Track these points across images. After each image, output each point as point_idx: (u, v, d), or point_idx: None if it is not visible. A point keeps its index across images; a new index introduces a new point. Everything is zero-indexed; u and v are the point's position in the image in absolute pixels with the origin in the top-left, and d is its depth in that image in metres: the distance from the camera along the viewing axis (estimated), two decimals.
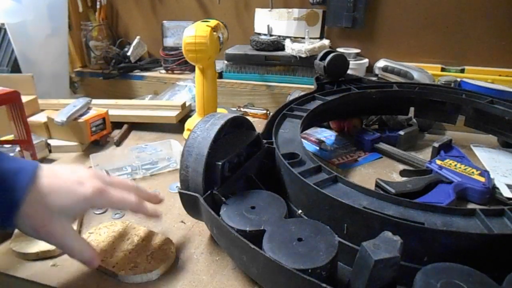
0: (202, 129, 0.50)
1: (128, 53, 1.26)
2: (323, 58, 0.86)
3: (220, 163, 0.48)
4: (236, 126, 0.58)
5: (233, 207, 0.47)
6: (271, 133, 0.62)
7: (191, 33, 0.76)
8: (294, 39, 1.12)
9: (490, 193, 0.63)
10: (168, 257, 0.49)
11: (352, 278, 0.38)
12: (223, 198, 0.48)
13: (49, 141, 0.82)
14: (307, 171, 0.51)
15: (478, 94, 0.78)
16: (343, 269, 0.43)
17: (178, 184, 0.51)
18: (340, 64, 0.87)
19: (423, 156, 0.79)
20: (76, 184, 0.42)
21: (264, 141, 0.59)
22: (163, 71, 1.25)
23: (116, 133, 0.92)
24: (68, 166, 0.47)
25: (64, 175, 0.43)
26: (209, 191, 0.48)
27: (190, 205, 0.49)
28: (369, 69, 1.12)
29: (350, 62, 1.06)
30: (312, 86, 0.90)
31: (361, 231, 0.42)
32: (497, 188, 0.65)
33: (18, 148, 0.70)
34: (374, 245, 0.34)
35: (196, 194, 0.47)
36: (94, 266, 0.44)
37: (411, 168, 0.74)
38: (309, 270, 0.36)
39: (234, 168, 0.53)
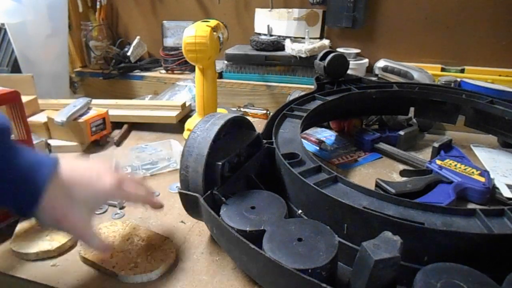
0: (202, 129, 0.50)
1: (128, 53, 1.26)
2: (323, 58, 0.86)
3: (220, 163, 0.48)
4: (236, 126, 0.58)
5: (233, 207, 0.47)
6: (271, 133, 0.62)
7: (191, 33, 0.76)
8: (294, 39, 1.12)
9: (490, 193, 0.63)
10: (168, 257, 0.49)
11: (352, 278, 0.38)
12: (223, 198, 0.48)
13: (49, 141, 0.82)
14: (307, 171, 0.51)
15: (478, 94, 0.78)
16: (343, 269, 0.43)
17: (178, 184, 0.51)
18: (340, 64, 0.87)
19: (423, 156, 0.79)
20: (95, 178, 0.44)
21: (264, 141, 0.59)
22: (163, 71, 1.25)
23: (116, 133, 0.92)
24: (85, 159, 0.48)
25: (83, 169, 0.45)
26: (209, 191, 0.48)
27: (190, 205, 0.49)
28: (369, 69, 1.12)
29: (350, 62, 1.05)
30: (312, 86, 0.90)
31: (361, 231, 0.42)
32: (497, 188, 0.65)
33: None
34: (374, 245, 0.35)
35: (196, 194, 0.47)
36: (107, 255, 0.48)
37: (411, 168, 0.74)
38: (309, 270, 0.36)
39: (234, 168, 0.53)
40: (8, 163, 0.37)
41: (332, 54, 0.85)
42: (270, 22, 1.16)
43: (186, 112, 1.00)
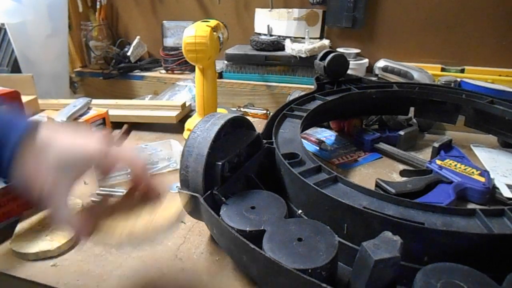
0: (202, 129, 0.50)
1: (128, 53, 1.26)
2: (323, 58, 0.86)
3: (220, 163, 0.48)
4: (236, 126, 0.58)
5: (233, 207, 0.47)
6: (271, 133, 0.62)
7: (191, 33, 0.76)
8: (294, 39, 1.12)
9: (490, 193, 0.63)
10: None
11: (352, 278, 0.38)
12: (223, 198, 0.48)
13: None
14: (307, 171, 0.51)
15: (478, 94, 0.78)
16: (343, 269, 0.43)
17: (178, 184, 0.51)
18: (340, 64, 0.87)
19: (423, 156, 0.79)
20: (78, 139, 0.39)
21: (264, 141, 0.59)
22: (163, 71, 1.25)
23: (116, 133, 0.92)
24: (72, 126, 0.43)
25: (65, 131, 0.40)
26: (209, 191, 0.48)
27: (190, 205, 0.49)
28: (369, 69, 1.12)
29: (350, 62, 1.05)
30: (312, 86, 0.90)
31: (361, 231, 0.42)
32: (497, 188, 0.65)
33: None
34: (374, 245, 0.35)
35: (196, 194, 0.47)
36: (87, 236, 0.39)
37: (411, 168, 0.74)
38: (309, 270, 0.36)
39: (234, 168, 0.53)
40: None
41: (332, 54, 0.85)
42: (270, 22, 1.16)
43: (186, 112, 1.00)
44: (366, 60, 1.10)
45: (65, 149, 0.38)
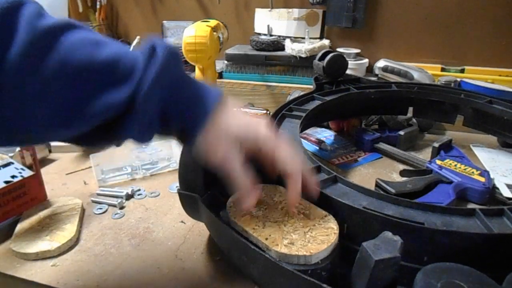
0: None
1: None
2: (322, 58, 0.86)
3: None
4: None
5: None
6: None
7: (191, 33, 0.77)
8: (294, 39, 1.12)
9: (490, 193, 0.63)
10: (329, 237, 0.39)
11: (352, 279, 0.38)
12: (222, 198, 0.48)
13: None
14: None
15: (477, 94, 0.78)
16: (343, 269, 0.43)
17: (178, 184, 0.51)
18: (339, 64, 0.87)
19: (423, 156, 0.79)
20: (253, 121, 0.43)
21: None
22: None
23: None
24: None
25: (240, 111, 0.45)
26: (208, 192, 0.48)
27: (189, 205, 0.49)
28: (369, 69, 1.12)
29: (350, 62, 1.06)
30: (312, 86, 0.90)
31: (361, 231, 0.42)
32: (497, 188, 0.65)
33: (18, 148, 0.70)
34: (374, 245, 0.35)
35: (195, 195, 0.47)
36: (250, 206, 0.41)
37: (411, 168, 0.74)
38: (309, 271, 0.36)
39: None
40: (182, 88, 0.39)
41: (331, 54, 0.85)
42: (270, 22, 1.16)
43: None
44: (366, 60, 1.11)
45: (243, 126, 0.42)
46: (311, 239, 0.39)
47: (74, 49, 0.33)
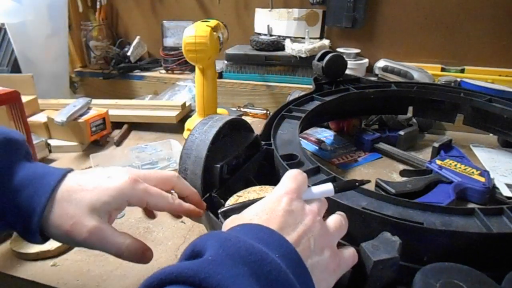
0: (200, 132, 0.50)
1: (128, 53, 1.26)
2: (321, 58, 0.86)
3: (218, 165, 0.48)
4: (235, 128, 0.57)
5: None
6: (269, 134, 0.62)
7: (191, 33, 0.77)
8: (294, 39, 1.12)
9: (490, 193, 0.63)
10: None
11: (352, 279, 0.38)
12: (222, 201, 0.48)
13: (49, 141, 0.83)
14: (305, 172, 0.51)
15: (476, 93, 0.78)
16: None
17: None
18: (338, 64, 0.87)
19: (423, 156, 0.79)
20: (105, 178, 0.38)
21: (263, 142, 0.59)
22: (163, 71, 1.25)
23: (116, 133, 0.92)
24: (101, 168, 0.43)
25: (94, 173, 0.40)
26: (208, 194, 0.48)
27: None
28: (369, 69, 1.12)
29: (350, 62, 1.06)
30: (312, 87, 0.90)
31: (361, 232, 0.42)
32: (497, 188, 0.65)
33: None
34: (373, 246, 0.35)
35: None
36: (149, 260, 0.38)
37: (411, 168, 0.74)
38: None
39: (233, 170, 0.53)
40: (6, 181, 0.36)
41: (330, 55, 0.84)
42: (270, 22, 1.16)
43: (186, 112, 1.00)
44: (366, 60, 1.10)
45: (93, 190, 0.37)
46: None
47: None
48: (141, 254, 0.37)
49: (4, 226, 0.37)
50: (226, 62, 1.13)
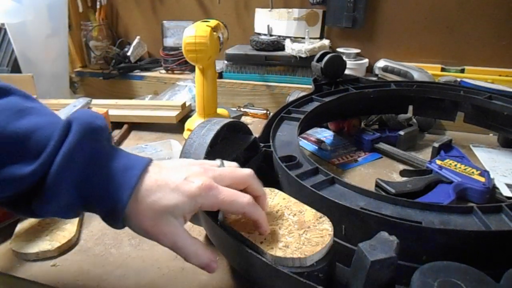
0: (198, 135, 0.50)
1: (128, 53, 1.26)
2: (320, 59, 0.86)
3: None
4: (233, 131, 0.57)
5: None
6: (268, 136, 0.62)
7: (191, 33, 0.77)
8: (294, 39, 1.12)
9: (490, 193, 0.63)
10: (324, 239, 0.39)
11: (350, 280, 0.38)
12: None
13: None
14: (304, 174, 0.51)
15: (476, 90, 0.78)
16: (342, 270, 0.43)
17: None
18: (337, 64, 0.87)
19: (423, 156, 0.79)
20: (182, 182, 0.38)
21: (262, 144, 0.59)
22: (163, 71, 1.25)
23: (116, 133, 0.92)
24: (178, 161, 0.43)
25: (171, 171, 0.40)
26: None
27: None
28: (369, 69, 1.12)
29: (350, 62, 1.06)
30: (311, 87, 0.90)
31: (359, 232, 0.42)
32: (497, 188, 0.65)
33: None
34: (370, 246, 0.35)
35: None
36: (213, 271, 0.39)
37: (411, 168, 0.74)
38: (305, 273, 0.36)
39: None
40: (99, 167, 0.37)
41: (329, 55, 0.84)
42: (270, 22, 1.16)
43: (186, 112, 1.00)
44: (366, 60, 1.10)
45: (170, 194, 0.38)
46: (305, 242, 0.39)
47: None
48: (206, 264, 0.39)
49: (91, 210, 0.38)
50: (226, 62, 1.13)
